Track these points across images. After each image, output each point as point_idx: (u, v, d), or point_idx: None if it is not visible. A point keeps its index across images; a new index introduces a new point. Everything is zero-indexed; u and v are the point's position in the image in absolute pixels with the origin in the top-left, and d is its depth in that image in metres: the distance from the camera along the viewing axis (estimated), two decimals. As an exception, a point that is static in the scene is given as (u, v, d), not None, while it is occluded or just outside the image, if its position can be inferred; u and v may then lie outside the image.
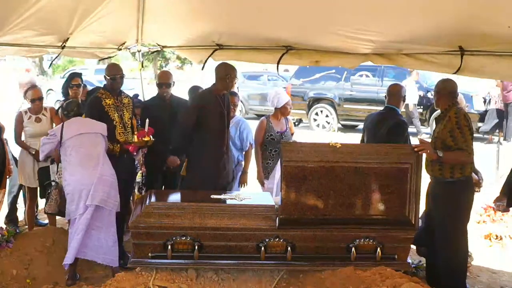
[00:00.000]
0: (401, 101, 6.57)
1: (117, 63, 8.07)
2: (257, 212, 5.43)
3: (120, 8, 7.42)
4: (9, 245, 6.00)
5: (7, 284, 5.59)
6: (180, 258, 5.37)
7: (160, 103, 6.95)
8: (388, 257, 5.41)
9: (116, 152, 6.12)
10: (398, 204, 5.30)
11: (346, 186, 5.27)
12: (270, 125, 7.18)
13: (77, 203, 5.79)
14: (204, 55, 8.35)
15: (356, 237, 5.38)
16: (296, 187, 5.26)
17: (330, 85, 18.92)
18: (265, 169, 7.14)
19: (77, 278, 5.89)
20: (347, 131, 18.00)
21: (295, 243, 5.36)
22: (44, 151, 6.08)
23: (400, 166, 5.29)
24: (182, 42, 8.54)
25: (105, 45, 8.67)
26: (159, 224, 5.31)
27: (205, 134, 6.39)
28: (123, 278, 5.27)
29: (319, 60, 7.41)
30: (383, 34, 6.36)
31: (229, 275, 5.43)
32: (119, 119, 6.33)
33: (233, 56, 7.98)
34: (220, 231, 5.33)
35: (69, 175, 5.88)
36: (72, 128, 6.01)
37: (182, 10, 7.31)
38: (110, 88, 6.47)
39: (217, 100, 6.45)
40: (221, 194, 5.82)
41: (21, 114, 7.20)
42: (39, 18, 6.51)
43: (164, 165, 6.91)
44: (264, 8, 6.54)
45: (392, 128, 6.38)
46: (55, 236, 6.43)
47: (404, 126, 6.50)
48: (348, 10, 6.08)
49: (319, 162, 5.25)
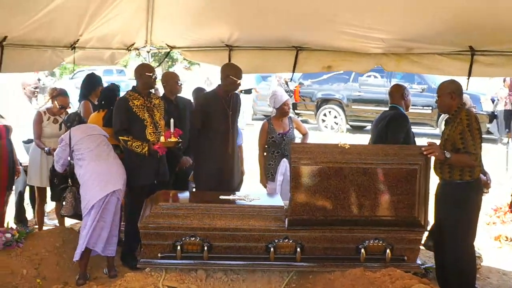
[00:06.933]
0: (402, 100, 6.63)
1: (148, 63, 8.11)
2: (266, 213, 5.45)
3: (129, 9, 7.44)
4: (19, 245, 6.01)
5: (17, 284, 5.60)
6: (189, 259, 5.40)
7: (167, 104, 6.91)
8: (397, 258, 5.42)
9: (145, 152, 6.09)
10: (407, 205, 5.31)
11: (355, 187, 5.28)
12: (271, 127, 7.13)
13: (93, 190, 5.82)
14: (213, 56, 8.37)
15: (365, 238, 5.39)
16: (305, 188, 5.28)
17: (338, 86, 18.86)
18: (267, 171, 7.13)
19: (87, 277, 5.91)
20: (356, 132, 17.96)
21: (304, 244, 5.37)
22: (58, 160, 6.14)
23: (408, 167, 5.30)
24: (191, 43, 8.55)
25: (114, 46, 8.69)
26: (168, 224, 5.34)
27: (210, 135, 6.41)
28: (133, 278, 5.30)
29: (331, 65, 7.42)
30: (392, 32, 6.39)
31: (238, 276, 5.46)
32: (149, 119, 6.26)
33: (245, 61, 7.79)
34: (229, 231, 5.35)
35: (84, 167, 5.93)
36: (79, 132, 6.10)
37: (191, 10, 7.31)
38: (141, 88, 6.38)
39: (222, 101, 6.46)
40: (230, 195, 5.83)
41: (40, 114, 7.22)
42: (49, 20, 6.53)
43: (176, 166, 6.90)
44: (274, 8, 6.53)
45: (391, 120, 6.46)
46: (65, 236, 6.44)
47: (403, 119, 6.55)
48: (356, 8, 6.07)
49: (328, 163, 5.27)
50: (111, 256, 6.10)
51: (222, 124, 6.46)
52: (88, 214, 5.84)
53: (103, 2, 6.87)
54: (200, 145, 6.52)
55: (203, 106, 6.58)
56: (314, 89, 19.30)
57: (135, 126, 6.20)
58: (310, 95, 19.29)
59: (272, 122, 7.19)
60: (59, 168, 6.21)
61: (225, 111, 6.48)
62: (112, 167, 6.00)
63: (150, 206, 5.57)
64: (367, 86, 18.27)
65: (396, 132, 6.37)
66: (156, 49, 9.45)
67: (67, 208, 6.19)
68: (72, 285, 5.78)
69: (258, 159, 7.22)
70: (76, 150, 6.00)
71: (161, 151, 6.08)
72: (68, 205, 6.18)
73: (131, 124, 6.20)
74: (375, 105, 17.38)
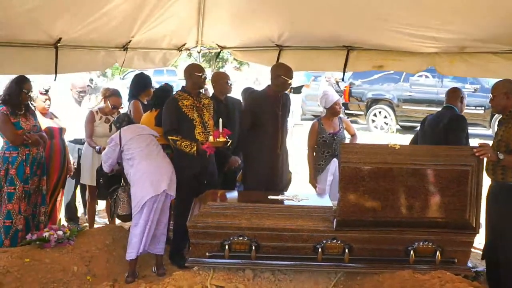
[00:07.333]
0: (458, 101, 6.60)
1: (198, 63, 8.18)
2: (314, 213, 5.44)
3: (181, 10, 7.49)
4: (70, 242, 6.12)
5: (68, 280, 5.70)
6: (237, 258, 5.41)
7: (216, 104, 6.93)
8: (447, 261, 5.33)
9: (194, 152, 6.13)
10: (458, 207, 5.22)
11: (405, 188, 5.22)
12: (321, 127, 7.10)
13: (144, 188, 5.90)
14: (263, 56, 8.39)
15: (415, 240, 5.32)
16: (354, 189, 5.23)
17: (388, 86, 18.67)
18: (317, 171, 7.10)
19: (136, 275, 5.98)
20: (406, 133, 17.72)
21: (353, 245, 5.33)
22: (107, 161, 6.24)
23: (460, 169, 5.21)
24: (241, 43, 8.57)
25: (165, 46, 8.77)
26: (216, 224, 5.36)
27: (259, 136, 6.42)
28: (181, 277, 5.34)
29: (382, 65, 7.34)
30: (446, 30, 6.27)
31: (285, 276, 5.45)
32: (198, 118, 6.28)
33: (295, 61, 7.72)
34: (277, 231, 5.34)
35: (134, 167, 6.01)
36: (129, 132, 6.19)
37: (242, 10, 7.32)
38: (191, 88, 6.41)
39: (271, 101, 6.46)
40: (278, 195, 5.83)
41: (92, 114, 7.34)
42: (103, 21, 6.65)
43: (225, 165, 6.93)
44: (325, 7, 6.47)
45: (449, 123, 6.40)
46: (114, 234, 6.53)
47: (463, 120, 6.49)
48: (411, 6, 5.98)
49: (377, 164, 5.22)
50: (160, 254, 6.17)
51: (272, 124, 6.47)
52: (139, 212, 5.91)
53: (156, 3, 6.94)
54: (249, 145, 6.54)
55: (252, 106, 6.60)
56: (364, 89, 19.16)
57: (184, 126, 6.25)
58: (360, 95, 19.16)
59: (322, 122, 7.17)
60: (106, 168, 6.30)
61: (274, 111, 6.48)
62: (162, 166, 6.07)
63: (199, 205, 5.60)
64: (418, 86, 18.02)
65: (457, 133, 6.29)
66: (207, 50, 9.50)
67: (125, 207, 6.29)
68: (121, 283, 5.85)
69: (307, 159, 7.20)
70: (126, 150, 6.08)
71: (210, 151, 6.11)
72: (125, 204, 6.28)
73: (180, 124, 6.24)
74: (426, 106, 17.16)
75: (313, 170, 7.11)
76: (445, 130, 6.36)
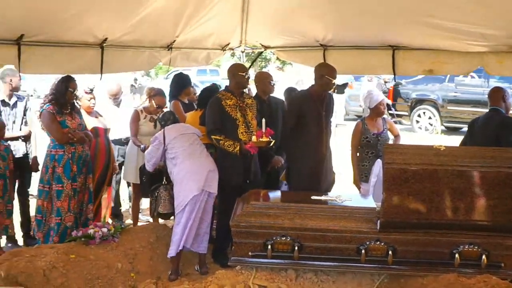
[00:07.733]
0: (501, 102, 6.48)
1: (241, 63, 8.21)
2: (357, 214, 5.39)
3: (225, 10, 7.53)
4: (115, 239, 6.19)
5: (113, 276, 5.76)
6: (280, 258, 5.39)
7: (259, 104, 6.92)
8: (493, 265, 5.22)
9: (237, 152, 6.15)
10: (505, 210, 5.11)
11: (450, 190, 5.14)
12: (365, 127, 7.05)
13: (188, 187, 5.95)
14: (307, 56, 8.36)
15: (460, 242, 5.23)
16: (398, 190, 5.18)
17: (433, 86, 18.46)
18: (361, 172, 7.05)
19: (179, 273, 6.03)
20: (451, 134, 17.51)
21: (397, 247, 5.27)
22: (150, 159, 6.31)
23: (507, 171, 5.10)
24: (285, 43, 8.56)
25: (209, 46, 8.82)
26: (259, 223, 5.36)
27: (303, 136, 6.40)
28: (224, 276, 5.35)
29: (432, 69, 7.20)
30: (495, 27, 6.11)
31: (328, 277, 5.41)
32: (241, 118, 6.32)
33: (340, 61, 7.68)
34: (320, 232, 5.31)
35: (178, 166, 6.07)
36: (173, 131, 6.24)
37: (286, 10, 7.30)
38: (234, 88, 6.44)
39: (315, 101, 6.44)
40: (322, 195, 5.80)
41: (137, 113, 7.42)
42: (148, 21, 6.72)
43: (268, 165, 6.93)
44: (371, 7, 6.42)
45: (499, 126, 6.30)
46: (158, 232, 6.59)
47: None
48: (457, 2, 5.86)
49: (422, 165, 5.15)
50: (203, 253, 6.21)
51: (316, 125, 6.44)
52: (182, 211, 5.96)
53: (200, 3, 6.99)
54: (293, 145, 6.53)
55: (296, 106, 6.58)
56: (408, 89, 18.98)
57: (227, 126, 6.28)
58: (404, 96, 18.98)
59: (366, 122, 7.11)
60: (149, 167, 6.36)
61: (318, 111, 6.45)
62: (205, 166, 6.10)
63: (242, 205, 5.62)
64: (463, 87, 17.78)
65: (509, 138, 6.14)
66: (250, 49, 9.52)
67: (166, 206, 6.36)
68: (164, 280, 5.90)
69: (351, 160, 7.15)
70: (170, 149, 6.14)
71: (253, 151, 6.12)
72: (166, 203, 6.35)
73: (223, 124, 6.27)
74: (471, 106, 16.93)
75: (357, 170, 7.06)
76: (496, 134, 6.25)
